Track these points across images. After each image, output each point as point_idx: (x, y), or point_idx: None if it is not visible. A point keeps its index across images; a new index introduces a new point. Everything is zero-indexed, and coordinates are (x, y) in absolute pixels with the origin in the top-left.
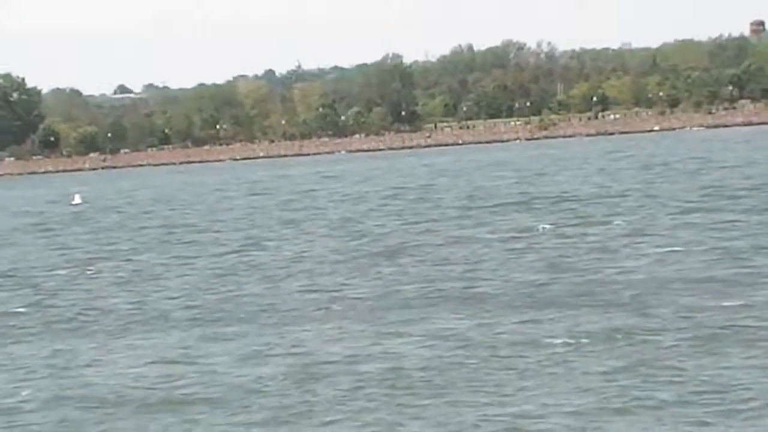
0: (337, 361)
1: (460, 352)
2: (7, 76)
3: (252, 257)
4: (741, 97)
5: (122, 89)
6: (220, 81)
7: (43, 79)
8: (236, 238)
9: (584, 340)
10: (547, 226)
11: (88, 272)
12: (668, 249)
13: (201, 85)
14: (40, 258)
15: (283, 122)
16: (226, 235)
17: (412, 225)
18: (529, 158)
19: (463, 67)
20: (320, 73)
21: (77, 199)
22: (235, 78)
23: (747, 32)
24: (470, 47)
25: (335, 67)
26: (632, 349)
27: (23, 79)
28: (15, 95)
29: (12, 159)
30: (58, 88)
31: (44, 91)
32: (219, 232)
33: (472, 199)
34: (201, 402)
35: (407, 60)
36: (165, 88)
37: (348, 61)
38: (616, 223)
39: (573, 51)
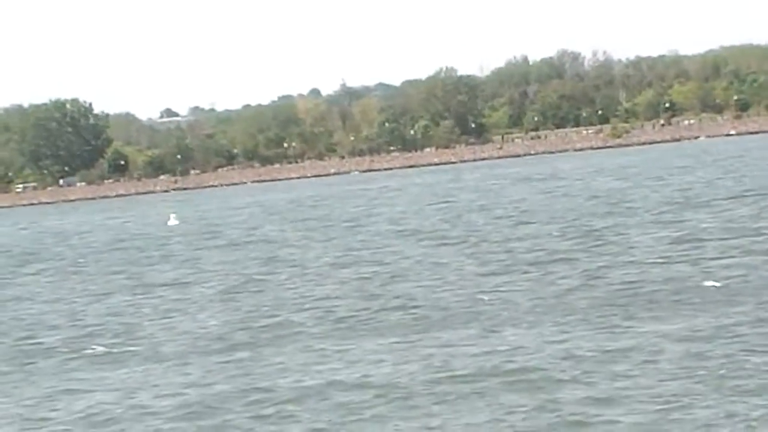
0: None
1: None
2: (74, 102)
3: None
4: None
5: (169, 112)
6: (264, 102)
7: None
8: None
9: None
10: None
11: (257, 284)
12: None
13: (247, 106)
14: (189, 274)
15: (352, 138)
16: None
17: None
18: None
19: (518, 78)
20: (366, 91)
21: (173, 220)
22: (280, 98)
23: None
24: (525, 58)
25: (380, 84)
26: None
27: (90, 104)
28: (83, 121)
29: (83, 184)
30: (106, 113)
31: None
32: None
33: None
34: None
35: (460, 73)
36: (212, 110)
37: (391, 78)
38: None
39: (628, 59)
